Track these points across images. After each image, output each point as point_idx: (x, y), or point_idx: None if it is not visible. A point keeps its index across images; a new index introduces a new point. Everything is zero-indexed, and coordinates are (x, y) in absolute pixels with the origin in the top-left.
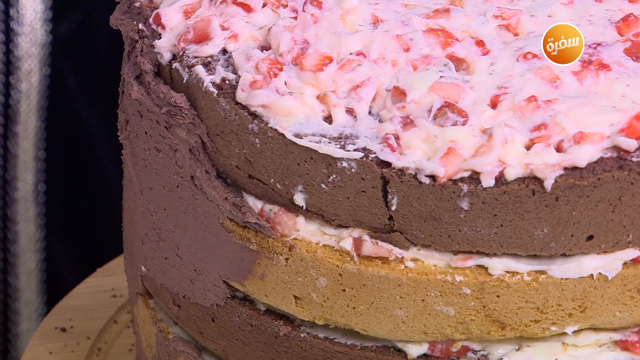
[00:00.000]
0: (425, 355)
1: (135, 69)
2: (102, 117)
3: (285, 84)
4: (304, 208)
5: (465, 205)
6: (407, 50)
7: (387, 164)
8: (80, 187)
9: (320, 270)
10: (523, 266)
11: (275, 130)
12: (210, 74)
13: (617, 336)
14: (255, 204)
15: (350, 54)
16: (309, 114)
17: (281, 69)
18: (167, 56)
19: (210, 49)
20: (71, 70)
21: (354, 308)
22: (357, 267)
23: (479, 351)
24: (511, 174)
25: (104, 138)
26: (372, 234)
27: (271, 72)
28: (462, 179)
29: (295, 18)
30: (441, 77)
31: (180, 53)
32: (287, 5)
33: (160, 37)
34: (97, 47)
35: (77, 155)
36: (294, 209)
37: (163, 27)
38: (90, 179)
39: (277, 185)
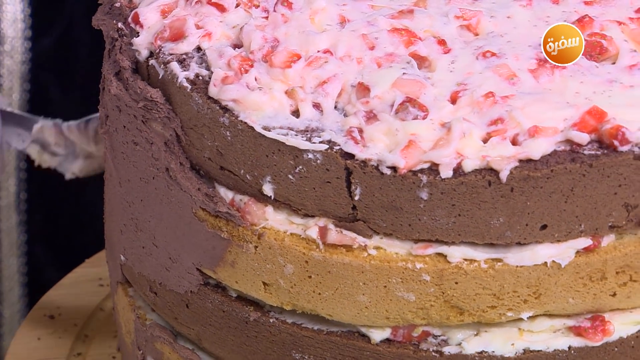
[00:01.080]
0: (387, 339)
1: (115, 66)
2: None
3: (255, 79)
4: (272, 198)
5: (424, 195)
6: (372, 48)
7: (351, 156)
8: (60, 195)
9: (287, 257)
10: (480, 254)
11: (245, 123)
12: (184, 70)
13: (570, 322)
14: (227, 194)
15: (318, 51)
16: (277, 108)
17: (252, 66)
18: (144, 53)
19: (185, 46)
20: (53, 83)
21: (319, 294)
22: (323, 254)
23: (439, 336)
24: (468, 166)
25: None
26: (336, 222)
27: (242, 69)
28: (421, 170)
29: (267, 18)
30: (404, 74)
31: (157, 50)
32: (259, 6)
33: (139, 35)
34: (78, 58)
35: None
36: (263, 199)
37: (141, 26)
38: (70, 187)
39: (247, 176)
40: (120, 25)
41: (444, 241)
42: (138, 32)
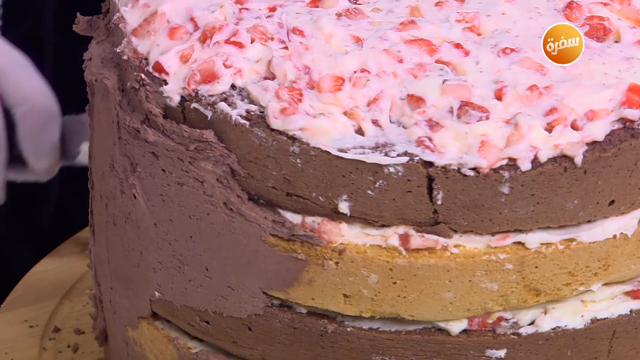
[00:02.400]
0: (464, 330)
1: (137, 115)
2: None
3: (310, 106)
4: (348, 215)
5: (506, 190)
6: (400, 61)
7: (430, 164)
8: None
9: (371, 268)
10: (555, 237)
11: (319, 149)
12: (234, 108)
13: (627, 287)
14: (294, 218)
15: (355, 72)
16: (342, 131)
17: (302, 94)
18: (176, 99)
19: (221, 86)
20: None
21: (404, 297)
22: (407, 260)
23: (510, 319)
24: (544, 156)
25: None
26: (417, 228)
27: (294, 99)
28: (501, 167)
29: (286, 48)
30: (444, 80)
31: (193, 94)
32: (273, 38)
33: (166, 83)
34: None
35: None
36: (336, 217)
37: (167, 74)
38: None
39: (320, 198)
40: (142, 75)
41: (521, 230)
42: (165, 80)
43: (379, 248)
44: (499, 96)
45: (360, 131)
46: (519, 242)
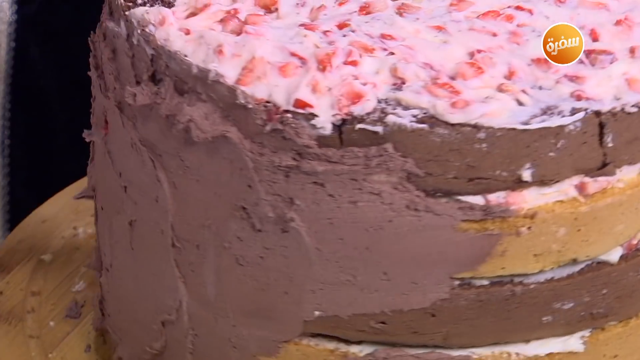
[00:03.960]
0: (620, 256)
1: (283, 154)
2: (59, 83)
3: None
4: (530, 181)
5: None
6: (494, 35)
7: (598, 112)
8: (39, 140)
9: (560, 222)
10: None
11: (504, 128)
12: (401, 118)
13: None
14: (476, 199)
15: (479, 51)
16: (511, 107)
17: (453, 86)
18: (329, 127)
19: (372, 102)
20: (35, 44)
21: (586, 241)
22: (589, 205)
23: None
24: None
25: (58, 99)
26: (589, 174)
27: (453, 92)
28: None
29: (392, 53)
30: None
31: (349, 117)
32: (374, 49)
33: (315, 115)
34: (58, 24)
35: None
36: (517, 187)
37: (311, 106)
38: (48, 131)
39: (503, 173)
40: (288, 115)
41: None
42: (312, 113)
43: (560, 203)
44: (595, 38)
45: (520, 103)
46: None
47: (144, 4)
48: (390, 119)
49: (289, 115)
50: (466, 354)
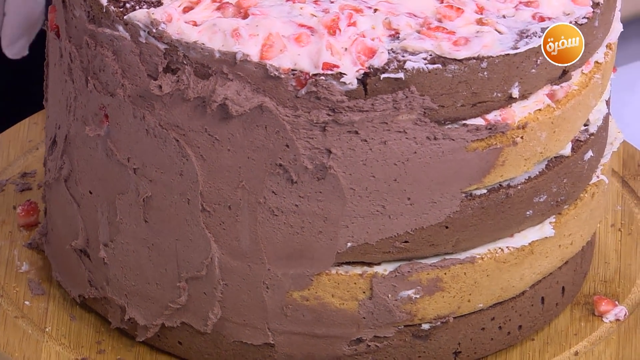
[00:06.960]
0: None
1: (317, 112)
2: None
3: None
4: (518, 97)
5: None
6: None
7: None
8: None
9: (542, 128)
10: None
11: (501, 55)
12: (415, 62)
13: None
14: (477, 121)
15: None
16: (497, 36)
17: (447, 28)
18: (355, 82)
19: (385, 55)
20: None
21: (558, 140)
22: (560, 109)
23: None
24: None
25: None
26: (555, 83)
27: (448, 33)
28: None
29: (377, 10)
30: None
31: (369, 69)
32: (362, 9)
33: (342, 75)
34: None
35: None
36: (506, 104)
37: (337, 67)
38: None
39: (497, 94)
40: (321, 77)
41: None
42: (340, 73)
43: (539, 111)
44: None
45: (499, 32)
46: None
47: (133, 8)
48: (409, 64)
49: (322, 77)
50: (470, 255)
